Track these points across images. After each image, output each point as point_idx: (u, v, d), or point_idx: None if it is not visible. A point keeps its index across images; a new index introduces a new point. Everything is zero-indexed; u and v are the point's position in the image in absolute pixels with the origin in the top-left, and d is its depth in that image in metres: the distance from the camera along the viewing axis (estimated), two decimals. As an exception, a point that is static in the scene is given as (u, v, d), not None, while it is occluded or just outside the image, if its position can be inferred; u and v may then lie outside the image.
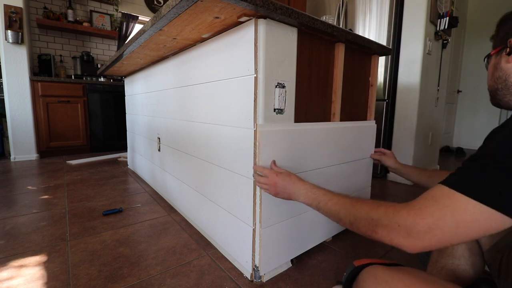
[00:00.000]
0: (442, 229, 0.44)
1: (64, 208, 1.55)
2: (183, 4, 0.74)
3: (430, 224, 0.44)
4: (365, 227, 0.55)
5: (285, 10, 0.78)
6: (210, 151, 1.11)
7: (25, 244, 1.15)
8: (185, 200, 1.40)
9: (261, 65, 0.81)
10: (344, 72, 1.11)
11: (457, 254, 0.68)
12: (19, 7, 2.73)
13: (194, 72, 1.20)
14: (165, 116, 1.58)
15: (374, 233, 0.53)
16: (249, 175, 0.89)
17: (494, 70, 0.59)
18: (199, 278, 0.93)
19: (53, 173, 2.34)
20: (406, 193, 1.92)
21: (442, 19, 2.19)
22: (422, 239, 0.46)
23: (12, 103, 2.80)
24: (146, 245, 1.15)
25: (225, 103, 0.99)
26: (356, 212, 0.57)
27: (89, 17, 3.52)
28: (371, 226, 0.53)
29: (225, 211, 1.04)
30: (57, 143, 3.06)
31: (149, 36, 1.08)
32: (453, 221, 0.43)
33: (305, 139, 0.98)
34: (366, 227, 0.54)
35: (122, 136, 3.46)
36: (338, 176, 1.16)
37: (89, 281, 0.91)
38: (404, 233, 0.48)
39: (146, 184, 2.03)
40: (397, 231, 0.49)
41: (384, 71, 2.20)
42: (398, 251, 1.14)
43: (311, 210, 1.06)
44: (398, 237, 0.49)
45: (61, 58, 3.38)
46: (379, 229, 0.52)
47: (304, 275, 0.96)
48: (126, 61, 1.69)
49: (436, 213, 0.44)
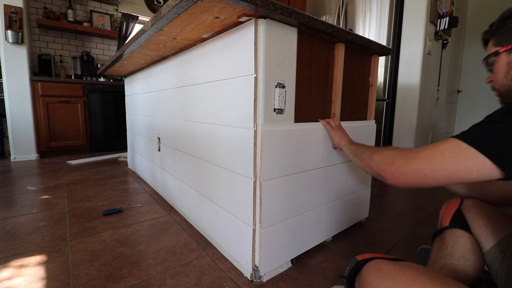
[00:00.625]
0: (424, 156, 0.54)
1: (64, 208, 1.55)
2: (183, 4, 0.74)
3: (416, 152, 0.56)
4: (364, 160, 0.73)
5: (285, 10, 0.78)
6: (210, 151, 1.11)
7: (25, 244, 1.15)
8: (185, 200, 1.40)
9: (261, 65, 0.81)
10: (344, 72, 1.11)
11: (457, 255, 0.68)
12: (19, 7, 2.73)
13: (194, 72, 1.20)
14: (165, 116, 1.58)
15: (371, 160, 0.68)
16: (249, 175, 0.89)
17: (509, 68, 0.56)
18: (199, 278, 0.93)
19: (53, 173, 2.34)
20: (406, 193, 1.92)
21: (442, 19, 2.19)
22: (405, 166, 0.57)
23: (12, 103, 2.80)
24: (146, 245, 1.15)
25: (225, 103, 0.99)
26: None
27: (89, 17, 3.53)
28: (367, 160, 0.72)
29: (225, 211, 1.04)
30: (57, 143, 3.06)
31: (149, 36, 1.08)
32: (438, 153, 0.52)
33: (305, 139, 0.98)
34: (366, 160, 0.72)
35: (122, 136, 3.46)
36: (338, 176, 1.16)
37: (89, 281, 0.91)
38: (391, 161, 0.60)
39: (146, 184, 2.03)
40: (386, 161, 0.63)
41: (384, 71, 2.20)
42: (397, 251, 1.14)
43: (311, 210, 1.06)
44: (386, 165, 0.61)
45: (61, 58, 3.38)
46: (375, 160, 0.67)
47: (304, 275, 0.96)
48: (126, 61, 1.69)
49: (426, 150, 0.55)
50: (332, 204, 1.16)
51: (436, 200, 1.77)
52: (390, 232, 1.31)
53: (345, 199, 1.23)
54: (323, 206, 1.12)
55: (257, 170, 0.86)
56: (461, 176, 0.49)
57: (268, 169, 0.86)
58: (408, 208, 1.64)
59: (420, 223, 1.42)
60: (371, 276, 0.55)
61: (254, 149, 0.86)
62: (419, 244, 1.08)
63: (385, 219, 1.46)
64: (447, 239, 0.71)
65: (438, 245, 0.74)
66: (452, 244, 0.70)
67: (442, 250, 0.71)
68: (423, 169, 0.54)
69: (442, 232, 0.74)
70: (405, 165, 0.57)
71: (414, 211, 1.58)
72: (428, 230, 1.33)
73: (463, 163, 0.48)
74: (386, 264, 0.55)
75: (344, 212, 1.23)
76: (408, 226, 1.37)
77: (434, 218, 1.48)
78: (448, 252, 0.69)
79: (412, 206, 1.67)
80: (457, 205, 0.76)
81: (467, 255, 0.68)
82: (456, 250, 0.68)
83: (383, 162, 0.63)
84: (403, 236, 1.26)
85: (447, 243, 0.71)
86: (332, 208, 1.16)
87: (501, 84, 0.59)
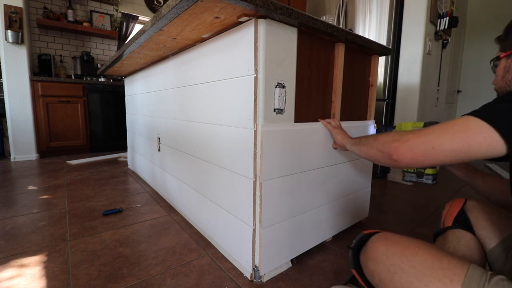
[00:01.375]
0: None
1: (64, 208, 1.55)
2: (183, 4, 0.74)
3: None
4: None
5: (285, 10, 0.78)
6: (210, 151, 1.11)
7: (25, 244, 1.15)
8: (185, 200, 1.40)
9: (261, 65, 0.81)
10: (344, 72, 1.11)
11: (458, 254, 0.68)
12: (19, 7, 2.73)
13: (194, 72, 1.20)
14: (165, 116, 1.58)
15: (375, 141, 0.70)
16: (249, 175, 0.89)
17: (505, 72, 0.61)
18: (199, 278, 0.93)
19: (53, 173, 2.34)
20: (406, 193, 1.92)
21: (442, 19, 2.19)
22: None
23: (12, 103, 2.80)
24: (146, 245, 1.15)
25: (225, 103, 0.99)
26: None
27: (89, 17, 3.52)
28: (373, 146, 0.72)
29: (225, 211, 1.04)
30: (57, 143, 3.06)
31: (149, 36, 1.08)
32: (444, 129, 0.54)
33: (305, 139, 0.98)
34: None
35: (122, 136, 3.46)
36: (338, 176, 1.16)
37: (89, 281, 0.91)
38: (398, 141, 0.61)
39: (146, 184, 2.03)
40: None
41: (384, 71, 2.20)
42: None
43: (311, 210, 1.06)
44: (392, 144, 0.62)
45: (61, 58, 3.38)
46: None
47: (304, 275, 0.96)
48: (126, 61, 1.69)
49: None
50: (332, 204, 1.16)
51: (437, 200, 1.77)
52: (390, 232, 1.30)
53: (345, 199, 1.23)
54: (323, 206, 1.12)
55: (257, 170, 0.86)
56: (471, 150, 0.50)
57: (268, 169, 0.86)
58: (408, 208, 1.64)
59: (420, 223, 1.42)
60: (378, 244, 0.58)
61: (254, 149, 0.86)
62: (419, 244, 1.08)
63: (385, 219, 1.46)
64: (449, 239, 0.71)
65: (440, 245, 0.74)
66: (455, 244, 0.70)
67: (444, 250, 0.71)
68: (431, 141, 0.54)
69: (444, 232, 0.74)
70: (413, 137, 0.58)
71: (414, 211, 1.58)
72: (428, 230, 1.33)
73: (473, 136, 0.49)
74: (393, 234, 0.59)
75: (344, 212, 1.23)
76: (408, 226, 1.37)
77: (434, 218, 1.48)
78: (450, 252, 0.69)
79: (412, 206, 1.67)
80: (460, 206, 0.76)
81: (469, 254, 0.67)
82: (458, 250, 0.68)
83: (389, 140, 0.64)
84: (403, 236, 1.26)
85: (449, 243, 0.71)
86: (332, 208, 1.16)
87: (498, 86, 0.64)
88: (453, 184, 2.19)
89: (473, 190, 0.79)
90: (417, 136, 0.57)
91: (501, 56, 0.62)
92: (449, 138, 0.52)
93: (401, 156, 0.59)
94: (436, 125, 0.57)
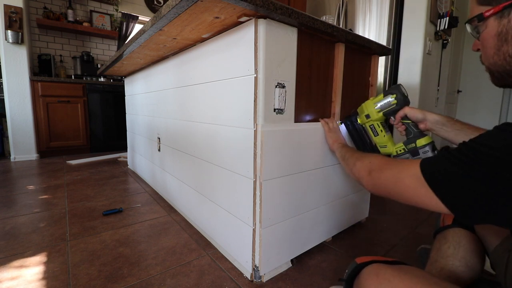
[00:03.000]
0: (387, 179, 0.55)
1: (64, 208, 1.55)
2: (183, 4, 0.74)
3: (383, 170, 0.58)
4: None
5: (285, 10, 0.78)
6: (210, 151, 1.11)
7: (25, 244, 1.15)
8: (185, 200, 1.40)
9: (261, 65, 0.81)
10: (344, 72, 1.11)
11: (459, 255, 0.68)
12: (19, 7, 2.73)
13: (194, 72, 1.20)
14: (165, 116, 1.58)
15: (353, 166, 0.71)
16: (249, 175, 0.89)
17: (499, 41, 0.41)
18: (199, 278, 0.93)
19: (53, 173, 2.34)
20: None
21: (442, 19, 2.19)
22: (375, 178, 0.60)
23: (12, 103, 2.80)
24: (146, 245, 1.15)
25: (225, 103, 0.99)
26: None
27: (89, 17, 3.52)
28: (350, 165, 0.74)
29: (225, 211, 1.04)
30: (57, 143, 3.06)
31: (149, 36, 1.08)
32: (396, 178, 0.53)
33: (305, 139, 0.98)
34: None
35: (122, 136, 3.46)
36: (338, 176, 1.16)
37: (89, 281, 0.91)
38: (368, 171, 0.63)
39: (146, 184, 2.03)
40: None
41: (384, 71, 2.20)
42: (397, 251, 1.14)
43: (311, 210, 1.06)
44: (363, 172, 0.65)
45: (61, 58, 3.38)
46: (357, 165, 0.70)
47: (304, 275, 0.96)
48: (126, 61, 1.69)
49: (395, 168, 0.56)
50: (332, 204, 1.16)
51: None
52: (390, 232, 1.30)
53: (345, 199, 1.23)
54: (323, 206, 1.12)
55: (257, 170, 0.86)
56: (420, 205, 0.49)
57: (268, 169, 0.86)
58: (408, 208, 1.63)
59: (420, 223, 1.42)
60: (369, 281, 0.55)
61: (254, 149, 0.86)
62: (419, 244, 1.08)
63: (385, 219, 1.45)
64: (450, 239, 0.71)
65: (439, 244, 0.74)
66: (455, 245, 0.69)
67: (444, 250, 0.71)
68: (388, 187, 0.56)
69: (444, 231, 0.74)
70: (376, 178, 0.59)
71: (414, 211, 1.58)
72: (428, 230, 1.33)
73: (420, 197, 0.48)
74: (385, 269, 0.54)
75: (344, 212, 1.23)
76: (408, 226, 1.37)
77: (434, 218, 1.48)
78: (450, 253, 0.69)
79: (412, 206, 1.67)
80: None
81: (469, 256, 0.67)
82: (459, 250, 0.68)
83: (362, 170, 0.66)
84: (403, 236, 1.26)
85: (449, 242, 0.71)
86: (332, 208, 1.16)
87: (491, 62, 0.45)
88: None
89: None
90: (379, 177, 0.58)
91: (487, 14, 0.40)
92: (400, 191, 0.52)
93: (372, 190, 0.62)
94: (397, 165, 0.54)
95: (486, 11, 0.40)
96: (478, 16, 0.42)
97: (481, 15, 0.41)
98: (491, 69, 0.46)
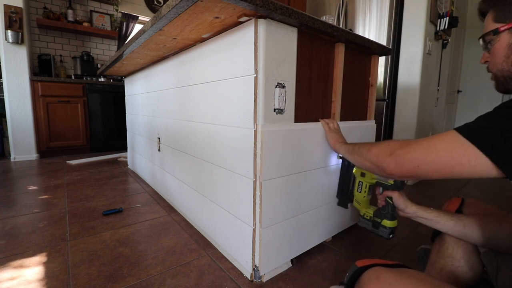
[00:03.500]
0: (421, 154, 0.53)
1: (64, 208, 1.55)
2: (183, 4, 0.74)
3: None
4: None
5: (285, 10, 0.78)
6: (210, 151, 1.11)
7: (25, 244, 1.15)
8: (185, 200, 1.40)
9: (261, 65, 0.81)
10: (344, 72, 1.11)
11: (457, 256, 0.68)
12: (19, 7, 2.73)
13: (194, 72, 1.20)
14: (165, 116, 1.58)
15: (369, 152, 0.68)
16: (249, 175, 0.89)
17: (510, 51, 0.49)
18: (199, 278, 0.93)
19: (53, 173, 2.33)
20: (406, 193, 1.92)
21: (442, 19, 2.19)
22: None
23: (12, 103, 2.80)
24: (146, 245, 1.15)
25: (225, 103, 0.99)
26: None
27: (89, 17, 3.52)
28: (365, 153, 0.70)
29: (225, 211, 1.04)
30: (57, 143, 3.06)
31: (149, 36, 1.08)
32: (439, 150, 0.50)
33: (305, 139, 0.98)
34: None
35: (122, 136, 3.45)
36: (338, 176, 1.16)
37: (89, 281, 0.91)
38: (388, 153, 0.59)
39: (146, 184, 2.03)
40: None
41: (384, 71, 2.20)
42: (397, 251, 1.14)
43: (311, 210, 1.06)
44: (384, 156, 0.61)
45: (61, 58, 3.38)
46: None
47: (304, 275, 0.96)
48: (126, 61, 1.69)
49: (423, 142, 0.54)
50: (332, 204, 1.16)
51: (436, 200, 1.77)
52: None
53: (345, 199, 1.23)
54: (323, 206, 1.12)
55: (257, 170, 0.86)
56: (454, 171, 0.48)
57: (268, 169, 0.86)
58: (408, 208, 1.63)
59: (420, 223, 1.41)
60: (370, 285, 0.54)
61: (254, 149, 0.86)
62: (419, 244, 1.08)
63: (385, 219, 1.45)
64: (447, 239, 0.71)
65: (437, 245, 0.74)
66: (453, 245, 0.69)
67: (442, 251, 0.71)
68: (416, 160, 0.53)
69: (442, 233, 0.74)
70: (401, 154, 0.56)
71: (414, 211, 1.58)
72: (428, 230, 1.31)
73: (456, 158, 0.46)
74: (386, 272, 0.54)
75: (344, 212, 1.23)
76: (408, 226, 1.37)
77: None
78: (449, 253, 0.69)
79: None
80: (457, 205, 0.76)
81: (468, 256, 0.67)
82: (457, 251, 0.68)
83: (381, 153, 0.62)
84: (403, 236, 1.26)
85: (447, 243, 0.71)
86: (332, 208, 1.16)
87: (499, 69, 0.52)
88: (453, 184, 2.19)
89: None
90: (404, 153, 0.56)
91: (502, 29, 0.49)
92: (432, 157, 0.50)
93: (393, 171, 0.58)
94: (425, 139, 0.53)
95: (501, 26, 0.49)
96: (494, 31, 0.50)
97: (497, 30, 0.49)
98: (497, 75, 0.53)
